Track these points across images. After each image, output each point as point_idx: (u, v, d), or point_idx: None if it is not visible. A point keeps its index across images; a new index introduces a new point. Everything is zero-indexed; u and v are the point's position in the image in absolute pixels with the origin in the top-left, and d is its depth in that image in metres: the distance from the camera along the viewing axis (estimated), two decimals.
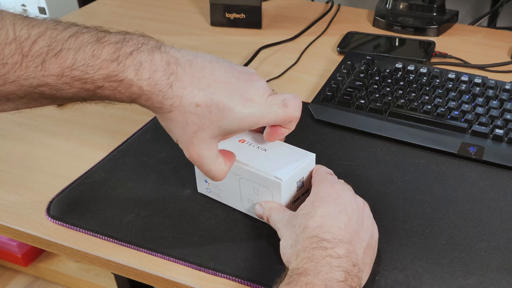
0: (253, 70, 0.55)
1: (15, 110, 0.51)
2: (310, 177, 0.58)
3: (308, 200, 0.54)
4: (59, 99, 0.50)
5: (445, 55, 0.94)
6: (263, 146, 0.59)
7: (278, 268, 0.53)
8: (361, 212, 0.54)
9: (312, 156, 0.58)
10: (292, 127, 0.56)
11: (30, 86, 0.47)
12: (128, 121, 0.79)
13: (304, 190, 0.59)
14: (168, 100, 0.49)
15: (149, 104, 0.50)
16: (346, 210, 0.52)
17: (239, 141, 0.59)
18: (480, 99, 0.75)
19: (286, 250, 0.52)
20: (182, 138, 0.52)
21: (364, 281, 0.51)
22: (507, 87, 0.77)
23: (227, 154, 0.55)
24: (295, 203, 0.58)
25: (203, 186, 0.62)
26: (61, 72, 0.47)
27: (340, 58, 0.93)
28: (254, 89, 0.52)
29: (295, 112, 0.54)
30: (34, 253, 1.57)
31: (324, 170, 0.59)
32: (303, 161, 0.57)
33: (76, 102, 0.52)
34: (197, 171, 0.61)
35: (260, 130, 0.60)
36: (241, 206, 0.60)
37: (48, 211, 0.63)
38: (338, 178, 0.58)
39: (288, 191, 0.56)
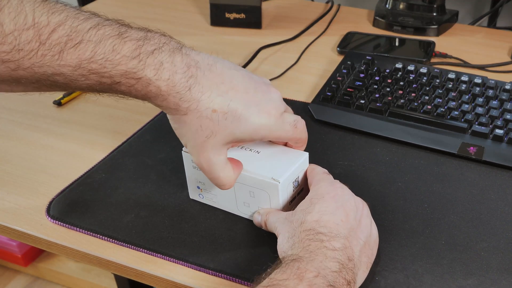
0: (269, 81, 0.56)
1: (23, 92, 0.50)
2: (305, 176, 0.59)
3: (307, 198, 0.54)
4: (72, 88, 0.49)
5: (445, 55, 0.94)
6: (255, 148, 0.58)
7: None
8: (360, 211, 0.54)
9: (305, 155, 0.58)
10: (301, 148, 0.59)
11: (44, 74, 0.46)
12: (128, 121, 0.79)
13: (299, 189, 0.59)
14: (185, 103, 0.49)
15: (165, 105, 0.50)
16: (344, 207, 0.52)
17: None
18: (480, 99, 0.75)
19: (283, 244, 0.52)
20: (193, 142, 0.51)
21: (360, 280, 0.51)
22: (507, 87, 0.77)
23: (235, 162, 0.55)
24: (292, 202, 0.58)
25: (196, 192, 0.62)
26: (78, 64, 0.46)
27: (340, 58, 0.93)
28: (271, 102, 0.53)
29: (303, 135, 0.57)
30: (34, 253, 1.57)
31: (320, 170, 0.59)
32: (297, 161, 0.57)
33: (88, 93, 0.51)
34: (188, 177, 0.61)
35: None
36: (237, 209, 0.60)
37: (48, 211, 0.63)
38: (336, 179, 0.58)
39: (285, 192, 0.56)
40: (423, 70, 0.81)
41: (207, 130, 0.50)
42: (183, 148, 0.58)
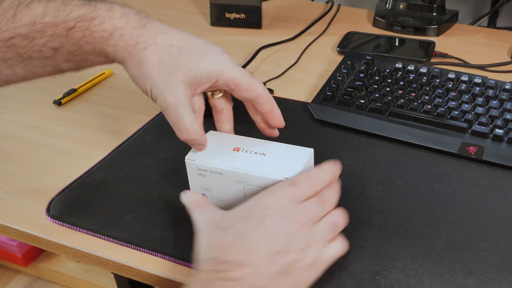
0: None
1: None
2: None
3: (240, 207, 0.50)
4: (31, 53, 0.50)
5: (445, 55, 0.94)
6: (260, 150, 0.58)
7: None
8: (293, 238, 0.48)
9: (310, 151, 0.58)
10: (276, 116, 0.58)
11: (2, 40, 0.49)
12: (128, 121, 0.79)
13: None
14: (142, 37, 0.51)
15: (123, 44, 0.51)
16: (266, 231, 0.47)
17: (234, 149, 0.58)
18: (480, 99, 0.75)
19: (196, 254, 0.49)
20: (158, 81, 0.52)
21: None
22: (507, 87, 0.77)
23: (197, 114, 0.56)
24: None
25: None
26: (33, 21, 0.49)
27: (340, 58, 0.93)
28: (225, 53, 0.56)
29: (259, 86, 0.56)
30: (34, 253, 1.57)
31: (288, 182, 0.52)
32: (305, 158, 0.57)
33: (54, 71, 0.53)
34: (192, 186, 0.59)
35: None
36: None
37: (48, 211, 0.63)
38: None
39: None
40: (423, 70, 0.81)
41: (168, 66, 0.51)
42: (186, 156, 0.57)
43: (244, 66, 0.91)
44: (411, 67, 0.83)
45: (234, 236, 0.48)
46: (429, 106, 0.74)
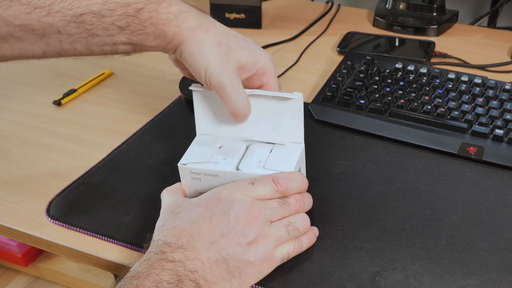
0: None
1: (41, 57, 0.54)
2: (303, 167, 0.59)
3: (202, 195, 0.53)
4: (97, 30, 0.52)
5: (445, 55, 0.94)
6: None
7: (280, 270, 0.53)
8: (237, 228, 0.49)
9: (301, 146, 0.58)
10: (276, 86, 0.60)
11: (73, 16, 0.51)
12: (128, 121, 0.79)
13: None
14: (204, 21, 0.55)
15: (186, 25, 0.54)
16: (212, 219, 0.50)
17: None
18: (480, 99, 0.75)
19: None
20: (217, 58, 0.54)
21: None
22: (507, 87, 0.77)
23: None
24: None
25: None
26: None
27: (340, 58, 0.93)
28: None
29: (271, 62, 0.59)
30: (34, 253, 1.57)
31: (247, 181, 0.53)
32: (297, 153, 0.57)
33: (110, 51, 0.55)
34: (186, 188, 0.58)
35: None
36: None
37: (48, 211, 0.63)
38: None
39: None
40: (423, 70, 0.81)
41: (225, 46, 0.54)
42: (179, 163, 0.57)
43: None
44: (411, 67, 0.82)
45: (182, 221, 0.50)
46: (429, 106, 0.74)
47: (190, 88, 0.58)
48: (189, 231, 0.49)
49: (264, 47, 0.98)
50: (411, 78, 0.80)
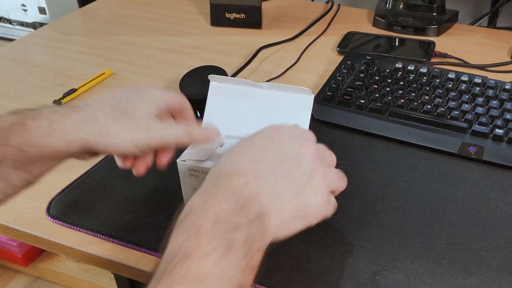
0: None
1: None
2: None
3: None
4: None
5: (445, 55, 0.94)
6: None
7: (280, 269, 0.53)
8: (297, 158, 0.50)
9: None
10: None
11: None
12: None
13: None
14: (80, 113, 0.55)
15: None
16: (266, 148, 0.49)
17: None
18: (480, 99, 0.75)
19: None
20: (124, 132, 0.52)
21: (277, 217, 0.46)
22: (507, 87, 0.77)
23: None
24: None
25: None
26: None
27: (340, 58, 0.93)
28: None
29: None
30: (34, 253, 1.57)
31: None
32: None
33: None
34: (183, 185, 0.59)
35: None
36: None
37: (48, 211, 0.63)
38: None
39: None
40: (423, 70, 0.81)
41: (118, 112, 0.54)
42: (178, 159, 0.57)
43: (244, 66, 0.91)
44: (411, 67, 0.83)
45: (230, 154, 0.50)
46: (429, 106, 0.74)
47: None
48: (242, 160, 0.49)
49: (264, 47, 0.98)
50: (411, 78, 0.81)
